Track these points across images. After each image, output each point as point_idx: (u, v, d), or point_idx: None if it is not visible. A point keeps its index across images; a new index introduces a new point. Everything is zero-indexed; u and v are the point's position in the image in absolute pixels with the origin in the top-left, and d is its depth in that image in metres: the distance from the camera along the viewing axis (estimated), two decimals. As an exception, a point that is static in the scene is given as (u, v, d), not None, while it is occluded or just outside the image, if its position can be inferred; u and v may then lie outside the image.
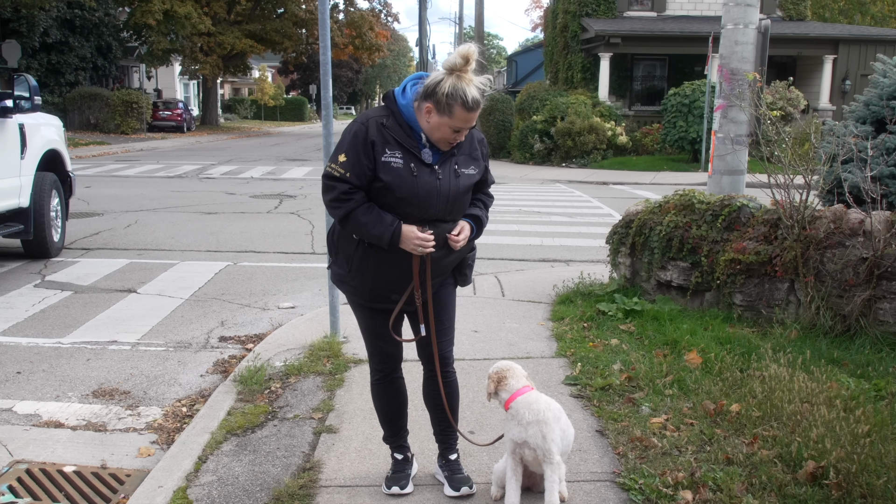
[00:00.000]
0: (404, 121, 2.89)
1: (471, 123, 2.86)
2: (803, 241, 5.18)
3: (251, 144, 32.23)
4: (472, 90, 2.77)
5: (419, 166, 2.88)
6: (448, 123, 2.81)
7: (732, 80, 6.76)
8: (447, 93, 2.76)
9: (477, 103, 2.79)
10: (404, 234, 2.87)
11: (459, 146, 2.97)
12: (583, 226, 11.45)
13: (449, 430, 3.34)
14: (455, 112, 2.78)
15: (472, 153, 3.04)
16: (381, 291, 3.06)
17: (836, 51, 24.21)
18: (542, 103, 23.28)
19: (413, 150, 2.88)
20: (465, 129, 2.86)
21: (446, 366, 3.25)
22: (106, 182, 16.41)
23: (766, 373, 4.26)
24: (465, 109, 2.78)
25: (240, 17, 39.31)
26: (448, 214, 2.98)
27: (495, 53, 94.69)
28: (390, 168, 2.84)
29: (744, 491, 3.15)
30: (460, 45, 2.83)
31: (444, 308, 3.22)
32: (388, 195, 2.87)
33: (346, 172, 2.85)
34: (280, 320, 6.27)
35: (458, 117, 2.79)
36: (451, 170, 2.95)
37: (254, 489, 3.32)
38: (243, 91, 67.85)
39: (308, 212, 12.35)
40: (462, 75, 2.78)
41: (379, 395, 3.34)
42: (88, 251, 8.91)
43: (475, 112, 2.81)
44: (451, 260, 3.11)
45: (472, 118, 2.83)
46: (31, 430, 4.14)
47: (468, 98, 2.76)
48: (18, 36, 28.15)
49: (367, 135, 2.85)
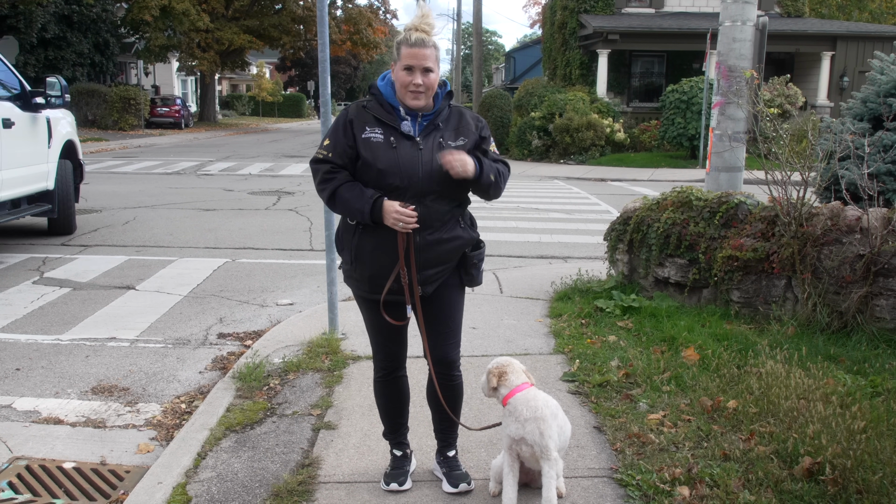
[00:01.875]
0: (384, 100, 3.02)
1: (421, 63, 2.92)
2: (800, 237, 5.19)
3: (249, 141, 32.20)
4: (417, 33, 2.94)
5: (399, 139, 2.96)
6: (398, 69, 2.96)
7: (730, 77, 6.76)
8: (397, 42, 2.98)
9: (420, 41, 2.93)
10: (385, 209, 2.90)
11: (447, 122, 3.04)
12: (581, 222, 11.46)
13: (449, 429, 3.34)
14: (402, 52, 2.94)
15: (461, 129, 3.06)
16: (377, 280, 3.05)
17: (834, 47, 24.22)
18: (540, 100, 23.28)
19: (392, 123, 2.98)
20: (416, 69, 2.92)
21: (452, 368, 3.23)
22: (104, 179, 16.39)
23: (762, 369, 4.27)
24: (408, 45, 2.92)
25: (238, 13, 39.25)
26: (435, 187, 2.95)
27: (493, 50, 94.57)
28: (370, 143, 2.95)
29: (740, 487, 3.16)
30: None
31: (449, 309, 3.17)
32: (370, 170, 2.95)
33: (329, 153, 3.00)
34: (279, 317, 6.28)
35: (404, 55, 2.93)
36: (436, 142, 2.98)
37: (253, 485, 3.34)
38: (241, 87, 67.79)
39: (306, 208, 12.35)
40: (415, 25, 2.98)
41: (381, 392, 3.35)
42: (87, 248, 8.91)
43: (419, 48, 2.92)
44: (449, 248, 3.04)
45: (418, 55, 2.92)
46: (30, 427, 4.15)
47: (411, 37, 2.93)
48: (16, 32, 28.07)
49: (347, 116, 3.03)
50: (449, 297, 3.16)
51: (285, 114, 62.82)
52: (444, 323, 3.16)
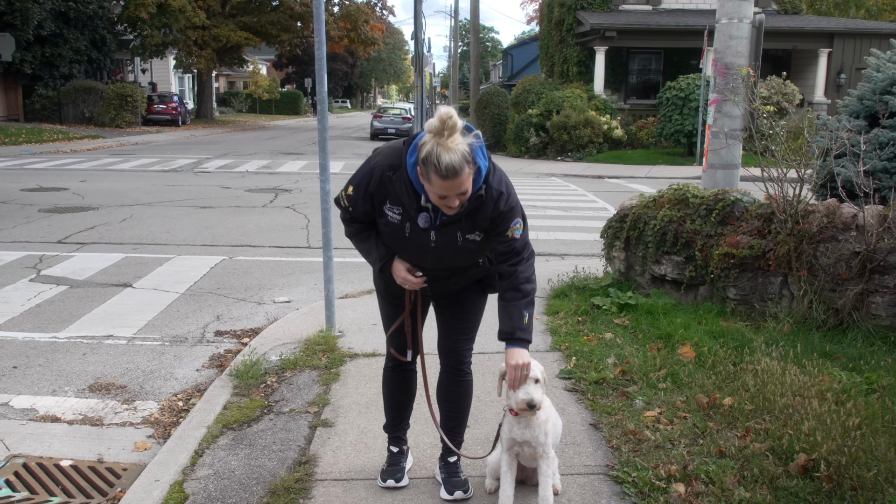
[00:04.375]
0: (408, 178, 2.75)
1: (456, 191, 2.62)
2: (796, 235, 5.20)
3: (246, 138, 32.16)
4: (447, 156, 2.53)
5: (414, 227, 2.84)
6: (431, 190, 2.66)
7: (727, 74, 6.77)
8: (423, 158, 2.60)
9: (452, 170, 2.54)
10: (394, 270, 2.98)
11: (469, 213, 2.78)
12: (578, 220, 11.48)
13: (454, 433, 3.31)
14: (432, 179, 2.60)
15: (479, 220, 2.81)
16: (393, 292, 3.16)
17: (832, 44, 24.24)
18: (537, 97, 23.29)
19: (411, 210, 2.82)
20: (451, 195, 2.64)
21: (461, 363, 3.23)
22: (101, 176, 16.37)
23: (758, 366, 4.29)
24: (440, 177, 2.57)
25: (235, 10, 39.12)
26: (442, 271, 2.99)
27: (491, 46, 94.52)
28: (387, 221, 2.89)
29: (736, 484, 3.17)
30: (440, 107, 2.59)
31: (464, 307, 3.16)
32: (383, 237, 2.98)
33: (350, 206, 2.95)
34: (276, 315, 6.28)
35: (436, 184, 2.60)
36: (452, 236, 2.84)
37: (250, 483, 3.34)
38: (238, 84, 67.64)
39: (304, 206, 12.35)
40: (440, 140, 2.56)
41: (388, 382, 3.36)
42: (84, 245, 8.90)
43: (452, 180, 2.57)
44: (467, 277, 3.06)
45: (452, 186, 2.59)
46: (27, 425, 4.15)
47: (441, 165, 2.54)
48: (12, 29, 27.99)
49: (370, 185, 2.85)
50: (468, 298, 3.17)
51: (282, 111, 62.73)
52: (458, 318, 3.17)
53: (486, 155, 2.75)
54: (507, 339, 2.87)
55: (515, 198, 2.86)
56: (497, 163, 2.89)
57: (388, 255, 2.97)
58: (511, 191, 2.84)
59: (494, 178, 2.79)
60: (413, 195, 2.78)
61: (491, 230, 2.85)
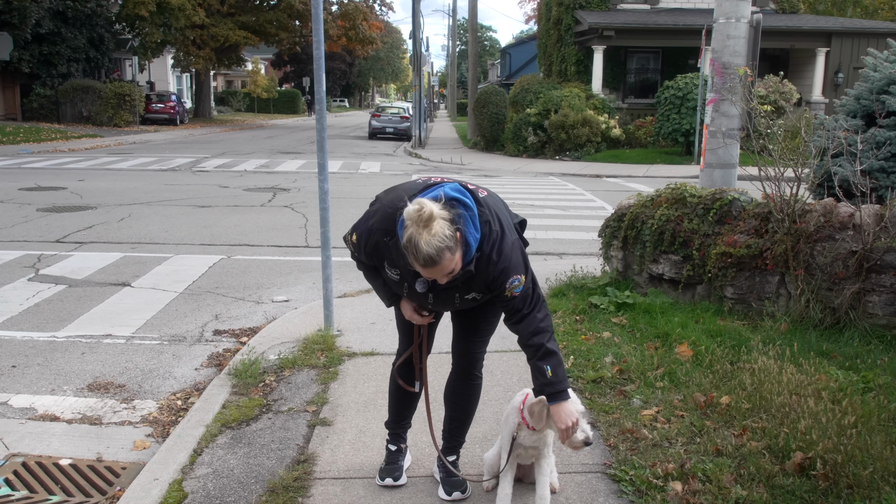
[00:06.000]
0: (402, 248, 2.64)
1: (441, 274, 2.58)
2: (794, 234, 5.22)
3: (244, 137, 32.14)
4: (425, 248, 2.47)
5: (411, 289, 2.90)
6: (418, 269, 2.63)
7: (724, 74, 6.79)
8: (404, 245, 2.55)
9: (430, 261, 2.49)
10: (402, 307, 3.07)
11: (468, 281, 2.77)
12: (576, 219, 11.49)
13: (457, 431, 3.33)
14: (414, 264, 2.58)
15: (477, 286, 2.81)
16: (403, 317, 3.20)
17: (829, 43, 24.27)
18: (535, 96, 23.29)
19: (407, 276, 2.83)
20: (438, 276, 2.62)
21: (474, 368, 3.25)
22: (99, 175, 16.36)
23: (755, 365, 4.30)
24: (420, 265, 2.55)
25: (233, 9, 39.07)
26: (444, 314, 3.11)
27: (489, 46, 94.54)
28: (388, 276, 2.93)
29: (733, 482, 3.19)
30: (413, 202, 2.52)
31: (480, 311, 3.12)
32: (388, 283, 3.01)
33: (356, 252, 3.01)
34: (274, 314, 6.29)
35: (419, 269, 2.59)
36: (450, 297, 2.88)
37: (249, 481, 3.35)
38: (236, 83, 67.62)
39: (302, 205, 12.35)
40: (418, 229, 2.49)
41: (395, 379, 3.37)
42: (82, 245, 8.90)
43: (432, 268, 2.53)
44: (471, 303, 3.01)
45: (434, 272, 2.57)
46: (26, 424, 4.15)
47: (419, 256, 2.50)
48: (10, 27, 27.95)
49: (367, 245, 2.87)
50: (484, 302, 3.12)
51: (280, 110, 62.70)
52: (474, 321, 3.16)
53: (478, 226, 2.65)
54: (546, 397, 2.81)
55: (512, 257, 2.73)
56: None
57: (395, 296, 3.06)
58: (506, 252, 2.71)
59: (488, 243, 2.69)
60: (407, 262, 2.65)
61: (488, 291, 2.84)
